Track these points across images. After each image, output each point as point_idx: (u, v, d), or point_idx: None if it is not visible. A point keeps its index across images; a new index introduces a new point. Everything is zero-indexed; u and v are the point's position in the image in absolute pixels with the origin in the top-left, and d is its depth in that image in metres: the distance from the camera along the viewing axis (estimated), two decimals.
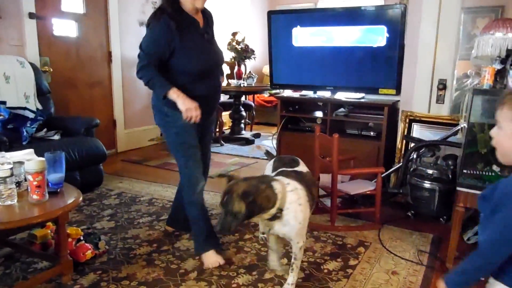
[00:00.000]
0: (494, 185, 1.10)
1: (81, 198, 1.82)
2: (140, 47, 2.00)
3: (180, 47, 1.98)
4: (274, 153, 3.79)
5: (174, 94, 1.96)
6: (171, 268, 2.07)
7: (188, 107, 1.95)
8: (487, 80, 2.15)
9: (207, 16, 2.14)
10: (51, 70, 3.75)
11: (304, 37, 3.65)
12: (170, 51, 1.98)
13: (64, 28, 3.92)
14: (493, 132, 1.13)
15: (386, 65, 3.34)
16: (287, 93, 4.29)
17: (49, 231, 2.21)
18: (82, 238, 2.14)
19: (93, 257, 2.11)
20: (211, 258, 2.09)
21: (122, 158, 4.32)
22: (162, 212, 2.77)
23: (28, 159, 1.78)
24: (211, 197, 3.06)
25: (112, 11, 4.30)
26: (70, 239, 2.07)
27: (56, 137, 3.11)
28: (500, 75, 2.18)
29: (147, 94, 2.04)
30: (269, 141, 5.14)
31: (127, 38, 4.46)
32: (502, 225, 1.02)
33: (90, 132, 3.30)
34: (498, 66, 2.21)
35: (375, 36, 3.32)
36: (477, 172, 2.02)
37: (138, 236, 2.42)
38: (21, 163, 1.81)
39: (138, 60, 2.00)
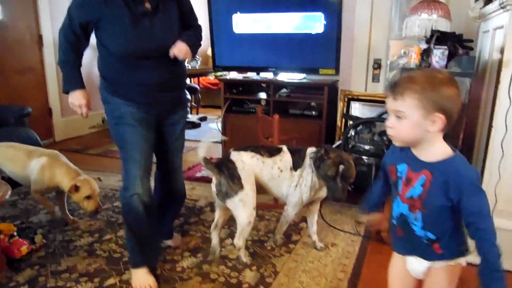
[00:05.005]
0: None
1: (9, 192, 1.72)
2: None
3: (105, 19, 1.66)
4: (219, 135, 3.79)
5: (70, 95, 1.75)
6: (113, 257, 2.04)
7: (71, 102, 1.75)
8: (413, 59, 2.28)
9: None
10: None
11: (244, 24, 3.64)
12: (96, 18, 1.66)
13: None
14: (392, 122, 1.07)
15: (325, 46, 3.42)
16: (233, 75, 4.27)
17: None
18: (15, 233, 2.04)
19: (30, 252, 2.02)
20: (140, 279, 1.77)
21: (60, 147, 4.11)
22: (104, 201, 2.70)
23: None
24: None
25: None
26: (2, 236, 1.97)
27: None
28: (426, 54, 2.31)
29: (85, 79, 1.83)
30: (214, 124, 5.13)
31: (60, 19, 4.15)
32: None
33: (21, 122, 3.10)
34: (423, 46, 2.34)
35: (313, 23, 3.40)
36: None
37: (79, 227, 2.35)
38: None
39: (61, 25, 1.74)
